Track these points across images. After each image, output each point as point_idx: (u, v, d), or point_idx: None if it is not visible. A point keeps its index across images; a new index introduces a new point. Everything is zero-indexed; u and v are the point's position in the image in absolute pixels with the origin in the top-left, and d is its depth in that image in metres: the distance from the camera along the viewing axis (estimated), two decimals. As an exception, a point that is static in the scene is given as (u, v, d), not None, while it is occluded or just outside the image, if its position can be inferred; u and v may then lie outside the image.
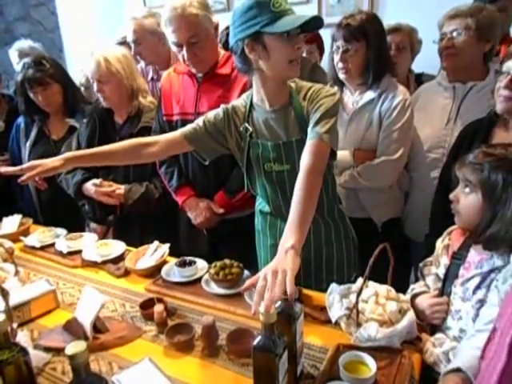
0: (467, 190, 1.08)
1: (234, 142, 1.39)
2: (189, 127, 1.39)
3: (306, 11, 2.14)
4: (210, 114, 1.40)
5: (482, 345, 0.81)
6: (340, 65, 1.66)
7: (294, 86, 1.32)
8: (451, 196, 1.13)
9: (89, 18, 4.11)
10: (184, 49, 1.59)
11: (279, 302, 0.93)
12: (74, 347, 0.74)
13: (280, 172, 1.35)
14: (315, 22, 1.18)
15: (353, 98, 1.73)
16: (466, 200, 1.08)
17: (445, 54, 1.67)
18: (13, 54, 2.67)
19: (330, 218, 1.43)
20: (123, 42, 2.44)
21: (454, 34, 1.61)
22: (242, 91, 1.64)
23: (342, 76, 1.69)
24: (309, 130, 1.23)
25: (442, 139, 1.67)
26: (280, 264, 0.93)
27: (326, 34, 2.77)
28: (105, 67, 1.81)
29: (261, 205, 1.53)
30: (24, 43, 2.71)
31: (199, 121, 1.40)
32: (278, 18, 1.15)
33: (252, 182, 1.46)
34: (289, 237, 1.01)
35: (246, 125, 1.35)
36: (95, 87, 1.87)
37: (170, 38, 1.60)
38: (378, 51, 1.62)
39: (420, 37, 2.20)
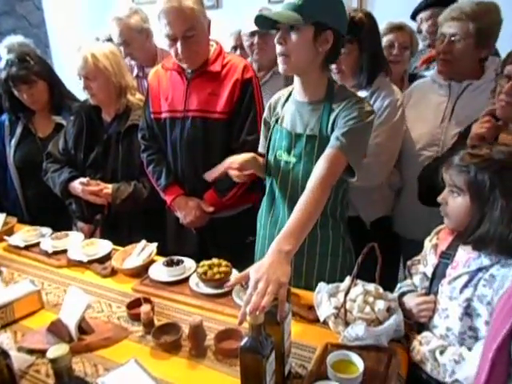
0: (455, 192, 1.08)
1: None
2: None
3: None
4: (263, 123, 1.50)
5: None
6: (333, 65, 1.62)
7: (336, 86, 1.32)
8: (439, 199, 1.13)
9: (75, 13, 4.04)
10: (178, 42, 1.56)
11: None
12: (56, 351, 0.72)
13: (287, 163, 1.35)
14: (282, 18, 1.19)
15: None
16: (455, 202, 1.08)
17: (441, 59, 1.64)
18: (2, 50, 2.59)
19: (322, 229, 1.36)
20: (110, 39, 2.39)
21: (453, 38, 1.57)
22: (233, 88, 1.63)
23: (334, 77, 1.66)
24: (333, 135, 1.22)
25: (437, 137, 1.65)
26: (273, 271, 0.93)
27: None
28: (92, 64, 1.78)
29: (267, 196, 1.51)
30: (13, 39, 2.62)
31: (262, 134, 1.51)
32: None
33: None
34: (286, 240, 1.01)
35: (279, 110, 1.40)
36: (82, 84, 1.83)
37: (164, 30, 1.57)
38: (371, 52, 1.60)
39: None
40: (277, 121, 1.40)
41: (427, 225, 1.27)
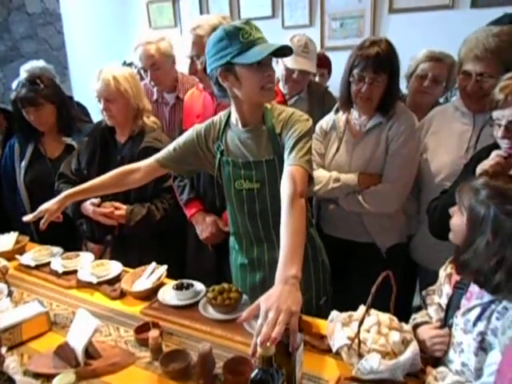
0: (462, 210, 1.07)
1: (207, 161, 1.44)
2: (161, 153, 1.47)
3: (310, 35, 2.17)
4: (181, 139, 1.46)
5: None
6: (364, 95, 1.58)
7: (268, 106, 1.36)
8: (450, 210, 1.13)
9: (94, 38, 4.18)
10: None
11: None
12: (63, 379, 0.70)
13: (250, 190, 1.37)
14: (285, 49, 1.23)
15: (360, 121, 1.69)
16: (457, 219, 1.08)
17: (469, 96, 1.57)
18: (22, 74, 2.64)
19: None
20: (129, 65, 2.42)
21: (482, 77, 1.50)
22: None
23: (360, 104, 1.63)
24: (285, 155, 1.25)
25: (461, 167, 1.53)
26: (283, 300, 0.91)
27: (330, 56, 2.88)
28: (114, 86, 1.81)
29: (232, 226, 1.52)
30: (35, 63, 2.64)
31: (170, 146, 1.46)
32: (248, 48, 1.19)
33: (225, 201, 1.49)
34: (288, 265, 0.99)
35: (220, 143, 1.40)
36: (101, 106, 1.86)
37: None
38: (397, 83, 1.60)
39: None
40: (222, 153, 1.40)
41: (447, 256, 1.22)
